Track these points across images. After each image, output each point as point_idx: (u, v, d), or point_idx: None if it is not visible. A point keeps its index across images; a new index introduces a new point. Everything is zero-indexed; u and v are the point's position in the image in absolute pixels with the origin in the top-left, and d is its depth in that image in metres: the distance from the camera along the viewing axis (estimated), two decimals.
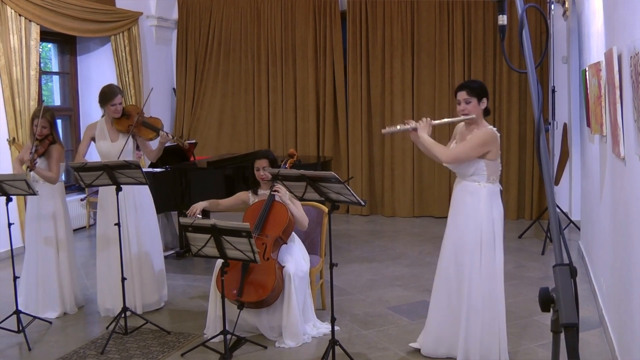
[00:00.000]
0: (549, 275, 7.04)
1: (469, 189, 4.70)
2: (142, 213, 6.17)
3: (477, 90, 4.70)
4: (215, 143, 11.63)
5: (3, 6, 8.18)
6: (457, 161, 4.68)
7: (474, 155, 4.61)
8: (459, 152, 4.68)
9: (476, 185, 4.67)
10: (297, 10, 11.14)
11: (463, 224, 4.71)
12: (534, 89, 2.06)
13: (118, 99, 6.06)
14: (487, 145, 4.62)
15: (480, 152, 4.61)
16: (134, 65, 10.61)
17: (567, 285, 1.87)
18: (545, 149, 2.04)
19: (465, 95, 4.68)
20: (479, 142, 4.62)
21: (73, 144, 10.56)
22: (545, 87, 8.98)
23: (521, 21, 2.10)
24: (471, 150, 4.62)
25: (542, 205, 9.99)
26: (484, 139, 4.63)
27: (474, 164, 4.64)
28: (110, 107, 6.06)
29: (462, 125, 4.86)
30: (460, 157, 4.66)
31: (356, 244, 8.88)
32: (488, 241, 4.64)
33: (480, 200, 4.64)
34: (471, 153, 4.62)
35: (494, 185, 4.69)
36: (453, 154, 4.72)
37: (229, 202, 5.86)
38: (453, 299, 4.79)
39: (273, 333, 5.37)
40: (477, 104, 4.68)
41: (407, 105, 10.59)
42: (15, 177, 5.39)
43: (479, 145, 4.61)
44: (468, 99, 4.68)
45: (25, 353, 5.30)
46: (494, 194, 4.69)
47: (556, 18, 9.16)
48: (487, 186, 4.66)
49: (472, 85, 4.75)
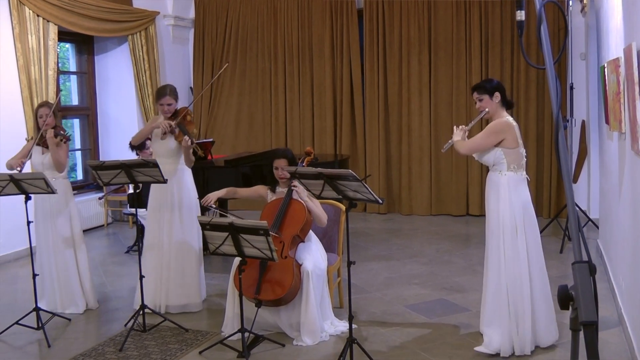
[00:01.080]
0: (567, 273, 7.00)
1: (492, 178, 4.92)
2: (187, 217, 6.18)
3: (485, 87, 4.97)
4: (232, 141, 11.64)
5: (21, 7, 8.25)
6: (472, 151, 4.96)
7: (488, 144, 4.84)
8: (472, 142, 4.95)
9: (498, 174, 4.87)
10: (314, 9, 11.14)
11: (489, 213, 4.93)
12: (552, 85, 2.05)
13: (166, 99, 6.07)
14: (500, 133, 4.81)
15: (494, 140, 4.82)
16: (151, 64, 10.65)
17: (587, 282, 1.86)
18: (564, 146, 2.03)
19: (477, 94, 5.00)
20: (490, 130, 4.86)
21: (90, 143, 10.62)
22: (564, 84, 8.92)
23: (539, 17, 2.09)
24: (483, 138, 4.87)
25: (560, 203, 9.93)
26: (495, 127, 4.85)
27: (492, 153, 4.84)
28: (159, 107, 6.14)
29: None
30: (473, 147, 4.94)
31: (374, 242, 8.87)
32: (509, 231, 4.79)
33: (500, 189, 4.83)
34: (484, 142, 4.86)
35: (516, 174, 4.85)
36: (467, 145, 4.98)
37: (247, 192, 5.92)
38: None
39: (292, 330, 5.37)
40: (489, 100, 4.93)
41: (425, 103, 10.57)
42: (34, 176, 5.42)
43: (491, 133, 4.84)
44: (480, 96, 4.97)
45: (44, 350, 5.34)
46: (516, 182, 4.85)
47: (574, 14, 9.10)
48: (508, 174, 4.84)
49: (480, 85, 5.04)
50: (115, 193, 10.13)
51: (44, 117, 5.94)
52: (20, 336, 5.59)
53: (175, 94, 6.12)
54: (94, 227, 10.09)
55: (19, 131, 8.25)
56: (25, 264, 7.67)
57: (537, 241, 4.90)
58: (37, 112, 6.03)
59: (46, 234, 6.09)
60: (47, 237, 6.09)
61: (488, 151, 4.85)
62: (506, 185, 4.80)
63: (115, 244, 9.22)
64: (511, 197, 4.79)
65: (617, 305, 5.70)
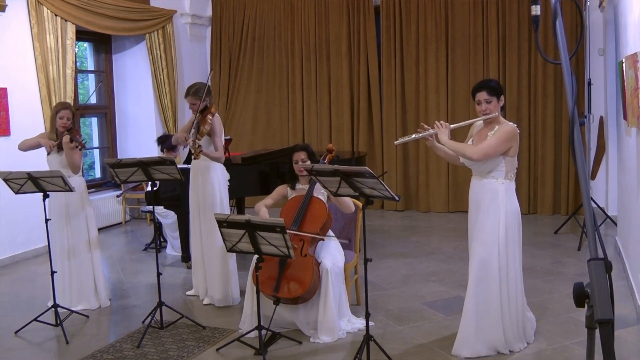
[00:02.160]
0: (585, 271, 6.94)
1: (487, 187, 4.76)
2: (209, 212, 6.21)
3: (497, 89, 4.78)
4: (249, 139, 11.66)
5: (39, 7, 8.30)
6: (487, 157, 4.69)
7: (501, 151, 4.68)
8: (488, 148, 4.69)
9: (494, 182, 4.73)
10: (331, 6, 11.13)
11: (481, 222, 4.76)
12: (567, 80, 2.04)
13: (190, 99, 6.14)
14: (511, 141, 4.71)
15: (506, 148, 4.69)
16: (168, 62, 10.68)
17: (602, 280, 1.84)
18: (579, 141, 2.01)
19: (486, 95, 4.75)
20: (505, 137, 4.69)
21: (109, 141, 10.68)
22: (581, 79, 8.86)
23: (555, 10, 2.07)
24: (499, 145, 4.68)
25: (578, 200, 9.87)
26: (509, 135, 4.70)
27: (494, 161, 4.70)
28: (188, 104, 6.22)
29: (480, 124, 4.92)
30: (489, 152, 4.69)
31: (391, 240, 8.86)
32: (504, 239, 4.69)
33: (498, 198, 4.70)
34: (499, 148, 4.68)
35: (511, 182, 4.77)
36: (483, 150, 4.71)
37: (273, 198, 5.81)
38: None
39: (309, 328, 5.37)
40: (497, 103, 4.76)
41: (442, 99, 10.54)
42: (52, 174, 5.46)
43: (506, 140, 4.69)
44: (489, 98, 4.74)
45: (62, 346, 5.38)
46: (510, 191, 4.76)
47: (592, 9, 9.04)
48: (505, 183, 4.73)
49: (491, 85, 4.81)
50: (133, 191, 10.17)
51: (64, 119, 5.98)
52: (39, 333, 5.64)
53: (199, 93, 6.10)
54: (112, 225, 10.15)
55: (37, 129, 8.25)
56: (44, 262, 7.71)
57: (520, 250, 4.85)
58: (57, 111, 6.05)
59: (60, 232, 6.13)
60: (62, 235, 6.13)
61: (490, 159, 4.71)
62: (504, 193, 4.70)
63: (133, 242, 9.26)
64: (507, 205, 4.70)
65: (636, 303, 5.67)
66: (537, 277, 6.86)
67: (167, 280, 7.04)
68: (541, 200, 10.24)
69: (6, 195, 6.52)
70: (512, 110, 10.12)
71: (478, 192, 4.83)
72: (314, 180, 5.41)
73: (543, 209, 10.20)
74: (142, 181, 5.75)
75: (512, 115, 10.10)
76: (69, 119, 5.99)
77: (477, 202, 4.83)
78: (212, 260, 6.26)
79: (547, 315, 5.69)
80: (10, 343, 5.48)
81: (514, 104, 10.16)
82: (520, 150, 9.97)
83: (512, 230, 4.73)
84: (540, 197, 10.24)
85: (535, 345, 5.01)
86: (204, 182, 6.17)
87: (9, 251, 8.11)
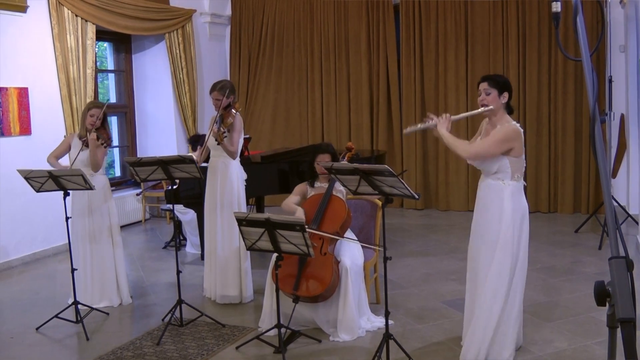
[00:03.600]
0: (606, 270, 6.88)
1: (493, 188, 4.61)
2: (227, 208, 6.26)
3: (500, 82, 4.63)
4: (269, 137, 11.69)
5: (60, 7, 8.36)
6: (478, 157, 4.61)
7: (496, 152, 4.52)
8: (480, 148, 4.60)
9: (500, 183, 4.57)
10: (350, 4, 11.12)
11: (486, 223, 4.65)
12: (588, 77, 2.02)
13: (215, 94, 6.16)
14: (510, 142, 4.51)
15: (503, 149, 4.51)
16: (188, 62, 10.72)
17: (624, 278, 1.83)
18: (600, 138, 2.00)
19: (486, 86, 4.62)
20: (501, 137, 4.52)
21: (129, 139, 10.74)
22: (602, 77, 8.80)
23: (575, 7, 2.06)
24: (492, 146, 4.52)
25: (598, 199, 9.79)
26: (506, 135, 4.52)
27: (497, 161, 4.54)
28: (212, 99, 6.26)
29: (487, 121, 4.78)
30: (481, 153, 4.59)
31: (410, 238, 8.84)
32: (508, 241, 4.55)
33: (504, 200, 4.55)
34: (492, 149, 4.52)
35: (518, 183, 4.60)
36: (474, 150, 4.64)
37: (295, 197, 5.79)
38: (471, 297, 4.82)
39: (329, 327, 5.37)
40: (496, 97, 4.60)
41: (461, 98, 10.50)
42: (72, 172, 5.50)
43: (501, 141, 4.51)
44: (488, 89, 4.61)
45: (83, 343, 5.42)
46: (518, 192, 4.61)
47: (613, 5, 8.97)
48: (511, 184, 4.56)
49: (494, 77, 4.70)
50: (153, 189, 10.22)
51: (94, 117, 6.02)
52: (60, 329, 5.68)
53: (224, 90, 6.13)
54: (132, 223, 10.21)
55: (57, 129, 8.37)
56: (64, 259, 7.78)
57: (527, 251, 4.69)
58: (89, 109, 6.09)
59: (83, 229, 6.18)
60: (84, 232, 6.18)
61: (492, 159, 4.56)
62: (510, 196, 4.54)
63: (153, 240, 9.31)
64: (514, 208, 4.56)
65: None
66: (557, 276, 6.82)
67: (187, 278, 7.06)
68: (561, 198, 10.18)
69: (27, 194, 6.57)
70: (532, 108, 10.07)
71: (484, 192, 4.71)
72: (333, 179, 5.41)
73: (563, 208, 10.14)
74: (162, 179, 5.77)
75: (533, 113, 10.05)
76: (99, 118, 6.03)
77: (483, 203, 4.72)
78: (229, 257, 6.27)
79: (567, 314, 5.65)
80: (30, 339, 5.53)
81: (534, 101, 10.10)
82: (540, 148, 10.01)
83: (518, 232, 4.58)
84: (561, 196, 10.18)
85: (556, 345, 4.98)
86: (223, 180, 6.18)
87: (30, 249, 8.18)
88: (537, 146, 10.10)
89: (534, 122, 10.08)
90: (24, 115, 8.00)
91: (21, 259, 8.02)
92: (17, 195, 7.74)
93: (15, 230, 7.94)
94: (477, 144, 4.69)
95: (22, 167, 5.75)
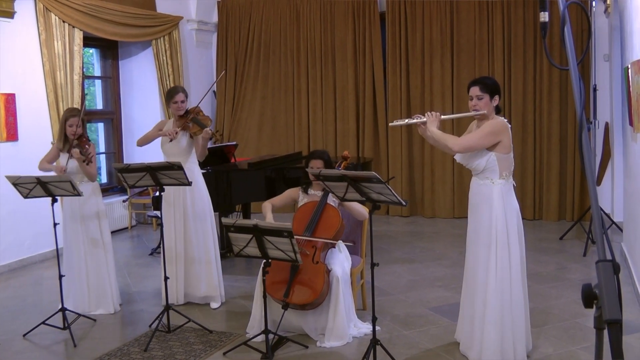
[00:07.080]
0: (591, 277, 6.96)
1: (482, 188, 4.70)
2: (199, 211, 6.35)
3: (490, 86, 4.71)
4: (255, 144, 11.71)
5: (47, 13, 8.35)
6: (469, 149, 4.66)
7: (485, 144, 4.59)
8: (470, 140, 4.67)
9: (489, 183, 4.65)
10: (337, 12, 11.17)
11: (478, 224, 4.74)
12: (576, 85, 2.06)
13: (179, 96, 6.25)
14: (498, 134, 4.59)
15: (491, 141, 4.59)
16: (174, 68, 10.73)
17: (610, 281, 1.86)
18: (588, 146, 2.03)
19: (478, 92, 4.70)
20: (489, 130, 4.61)
21: (115, 146, 10.72)
22: (587, 85, 8.88)
23: (563, 17, 2.10)
24: (481, 138, 4.60)
25: (583, 206, 9.87)
26: (494, 128, 4.61)
27: (485, 158, 4.62)
28: (173, 105, 6.28)
29: (476, 123, 4.85)
30: (470, 144, 4.65)
31: (396, 245, 8.87)
32: (502, 240, 4.62)
33: (493, 199, 4.63)
34: (482, 141, 4.60)
35: (507, 182, 4.67)
36: (464, 141, 4.70)
37: (282, 200, 5.88)
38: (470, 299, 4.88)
39: (316, 333, 5.39)
40: (488, 101, 4.69)
41: (447, 105, 10.55)
42: (60, 179, 5.50)
43: (489, 133, 4.59)
44: (481, 95, 4.69)
45: (70, 349, 5.41)
46: (507, 191, 4.68)
47: (598, 15, 9.06)
48: (500, 183, 4.64)
49: (485, 82, 4.76)
50: (139, 196, 10.21)
51: (74, 127, 5.99)
52: (47, 336, 5.66)
53: (186, 92, 6.32)
54: (119, 230, 10.18)
55: (44, 135, 8.36)
56: (51, 266, 7.76)
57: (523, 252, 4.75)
58: (66, 120, 6.07)
59: (76, 235, 6.16)
60: (77, 238, 6.16)
61: (480, 155, 4.63)
62: (499, 195, 4.62)
63: (140, 246, 9.29)
64: (505, 207, 4.63)
65: None
66: (542, 282, 6.86)
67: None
68: (546, 206, 10.24)
69: (14, 199, 6.56)
70: (517, 115, 10.14)
71: (475, 194, 4.80)
72: None
73: (548, 215, 10.21)
74: (150, 186, 5.78)
75: (518, 121, 10.11)
76: (79, 126, 6.02)
77: (473, 203, 4.82)
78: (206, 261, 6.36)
79: (553, 320, 5.70)
80: (18, 346, 5.51)
81: (520, 109, 10.18)
82: (525, 156, 10.08)
83: (512, 231, 4.64)
84: (546, 203, 10.25)
85: (542, 351, 5.02)
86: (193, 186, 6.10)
87: (17, 255, 8.15)
88: (522, 154, 10.16)
89: (520, 130, 10.14)
90: (11, 121, 7.98)
91: (7, 265, 7.98)
92: (4, 201, 7.71)
93: (1, 236, 7.91)
94: (467, 136, 4.77)
95: (9, 173, 5.74)
